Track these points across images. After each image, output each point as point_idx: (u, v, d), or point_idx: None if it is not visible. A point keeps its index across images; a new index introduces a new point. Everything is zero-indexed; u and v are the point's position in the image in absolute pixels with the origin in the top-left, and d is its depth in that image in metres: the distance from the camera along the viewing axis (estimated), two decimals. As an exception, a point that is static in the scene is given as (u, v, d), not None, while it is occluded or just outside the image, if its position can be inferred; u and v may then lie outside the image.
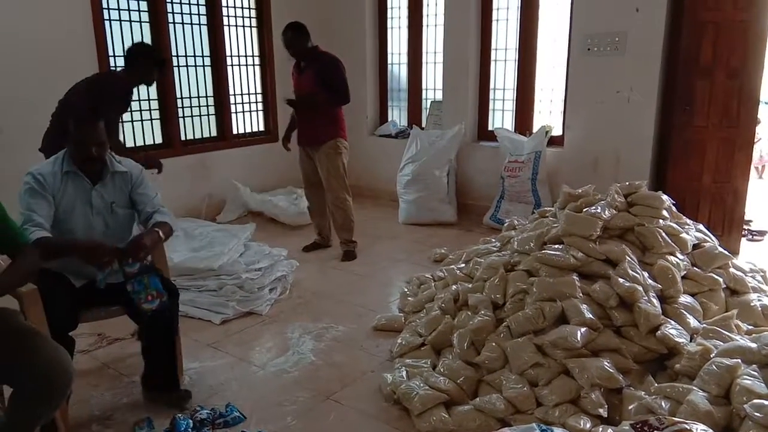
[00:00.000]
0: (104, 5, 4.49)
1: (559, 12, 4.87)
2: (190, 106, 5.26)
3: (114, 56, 4.60)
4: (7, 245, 1.95)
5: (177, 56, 5.08)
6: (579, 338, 2.34)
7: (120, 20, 4.64)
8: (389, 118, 6.16)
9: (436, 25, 5.56)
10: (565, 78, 4.81)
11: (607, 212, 2.82)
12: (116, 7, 4.59)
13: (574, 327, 2.41)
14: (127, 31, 4.69)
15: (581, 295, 2.56)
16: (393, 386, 2.48)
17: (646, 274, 2.66)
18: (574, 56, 4.66)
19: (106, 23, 4.52)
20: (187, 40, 5.15)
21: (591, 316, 2.46)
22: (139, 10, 4.76)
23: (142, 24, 4.81)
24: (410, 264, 4.24)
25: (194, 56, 5.22)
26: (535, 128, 5.03)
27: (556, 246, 2.81)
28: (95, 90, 3.39)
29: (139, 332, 2.47)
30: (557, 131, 4.96)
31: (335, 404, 2.52)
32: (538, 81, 5.12)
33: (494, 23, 5.20)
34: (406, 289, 3.55)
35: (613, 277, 2.58)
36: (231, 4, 5.44)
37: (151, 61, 3.54)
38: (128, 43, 4.66)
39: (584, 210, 2.88)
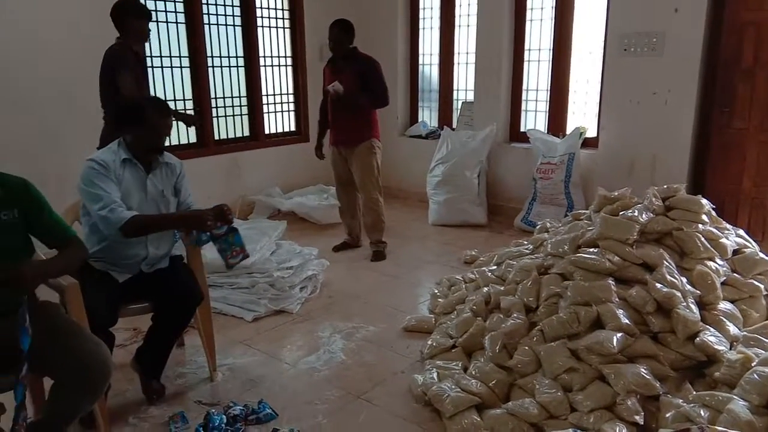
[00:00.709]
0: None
1: (594, 12, 4.80)
2: (224, 106, 5.34)
3: (151, 56, 4.69)
4: (57, 240, 2.03)
5: (212, 57, 5.15)
6: (615, 344, 2.30)
7: (157, 21, 4.72)
8: (419, 119, 6.15)
9: (468, 26, 5.53)
10: (600, 79, 4.74)
11: (644, 216, 2.77)
12: (153, 9, 4.67)
13: (610, 332, 2.37)
14: (163, 32, 4.78)
15: (617, 299, 2.52)
16: (424, 387, 2.47)
17: (684, 280, 2.60)
18: (609, 57, 4.58)
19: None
20: (222, 40, 5.22)
21: (627, 321, 2.41)
22: (175, 12, 4.84)
23: (178, 25, 4.89)
24: (440, 265, 4.22)
25: (228, 57, 5.29)
26: (569, 130, 4.96)
27: (592, 249, 2.76)
28: (105, 67, 3.45)
29: (153, 317, 2.58)
30: (591, 133, 4.89)
31: (366, 404, 2.52)
32: (572, 82, 5.05)
33: (528, 23, 5.15)
34: (436, 291, 3.54)
35: (651, 282, 2.53)
36: (265, 5, 5.50)
37: (136, 14, 3.54)
38: (164, 44, 4.78)
39: (621, 213, 2.82)
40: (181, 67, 4.97)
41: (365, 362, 2.88)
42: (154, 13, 4.63)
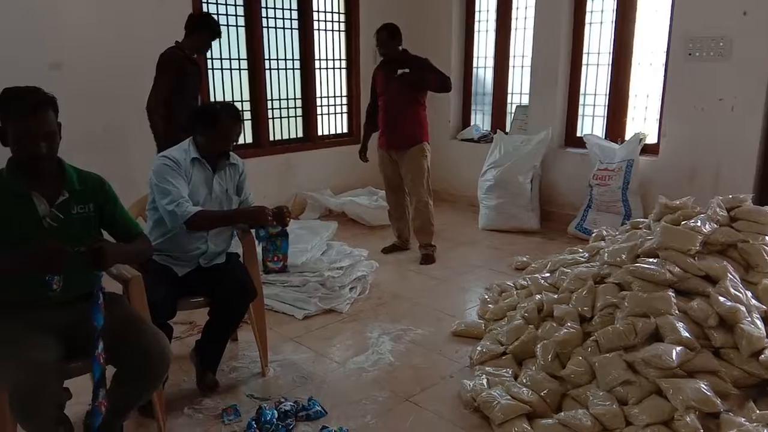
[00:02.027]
0: (204, 10, 4.73)
1: (658, 15, 4.65)
2: (279, 108, 5.44)
3: (211, 59, 4.83)
4: (126, 234, 2.14)
5: (269, 59, 5.26)
6: (674, 357, 2.22)
7: (234, 26, 4.88)
8: (472, 122, 6.10)
9: (525, 28, 5.45)
10: (663, 84, 4.59)
11: (707, 226, 2.67)
12: (215, 12, 4.82)
13: (669, 345, 2.29)
14: (224, 34, 4.91)
15: (677, 312, 2.43)
16: (473, 393, 2.45)
17: (749, 294, 2.50)
18: (673, 61, 4.43)
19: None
20: (279, 43, 5.33)
21: (688, 335, 2.33)
22: (236, 15, 4.97)
23: (238, 28, 5.02)
24: (489, 270, 4.18)
25: (285, 59, 5.40)
26: (628, 135, 4.82)
27: (651, 259, 2.67)
28: (158, 66, 3.61)
29: (210, 311, 2.66)
30: (651, 139, 4.73)
31: (414, 407, 2.52)
32: (633, 86, 4.91)
33: (587, 26, 5.04)
34: (486, 296, 3.50)
35: (713, 295, 2.43)
36: (321, 8, 5.58)
37: (210, 32, 3.70)
38: (225, 46, 4.92)
39: (683, 223, 2.73)
40: (240, 69, 5.10)
41: (413, 365, 2.88)
42: (215, 16, 4.81)
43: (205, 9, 4.72)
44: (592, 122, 5.18)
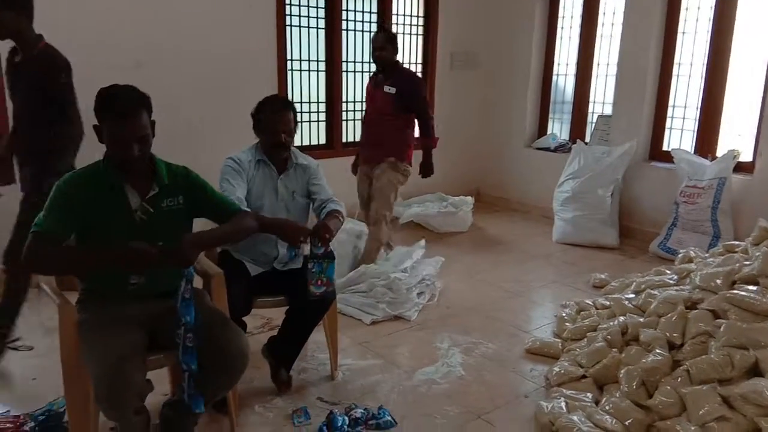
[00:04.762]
0: (286, 12, 4.80)
1: (758, 24, 4.34)
2: (353, 110, 5.46)
3: (291, 60, 4.89)
4: (225, 214, 2.15)
5: (347, 61, 5.29)
6: (778, 396, 2.04)
7: (300, 26, 4.93)
8: (549, 131, 5.92)
9: (611, 35, 5.23)
10: (762, 98, 4.28)
11: (817, 254, 2.44)
12: (297, 14, 4.88)
13: (771, 382, 2.10)
14: (304, 36, 4.98)
15: (781, 346, 2.24)
16: (551, 416, 2.33)
17: None
18: (776, 74, 4.13)
19: (287, 29, 4.83)
20: (357, 46, 5.34)
21: (793, 372, 2.13)
22: (317, 17, 5.02)
23: (318, 30, 5.07)
24: (564, 286, 4.02)
25: (362, 62, 5.40)
26: (720, 152, 4.53)
27: (750, 287, 2.48)
28: None
29: (287, 311, 2.62)
30: (746, 156, 4.43)
31: (487, 425, 2.43)
32: (727, 100, 4.61)
33: (679, 35, 4.78)
34: (563, 314, 3.35)
35: (824, 331, 2.22)
36: (401, 12, 5.56)
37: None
38: (304, 48, 4.97)
39: (788, 249, 2.51)
40: (318, 71, 5.14)
41: (486, 381, 2.78)
42: (297, 18, 4.86)
43: (287, 11, 4.80)
44: (680, 136, 4.90)
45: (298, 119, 2.65)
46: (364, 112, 4.29)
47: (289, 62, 4.90)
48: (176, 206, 2.05)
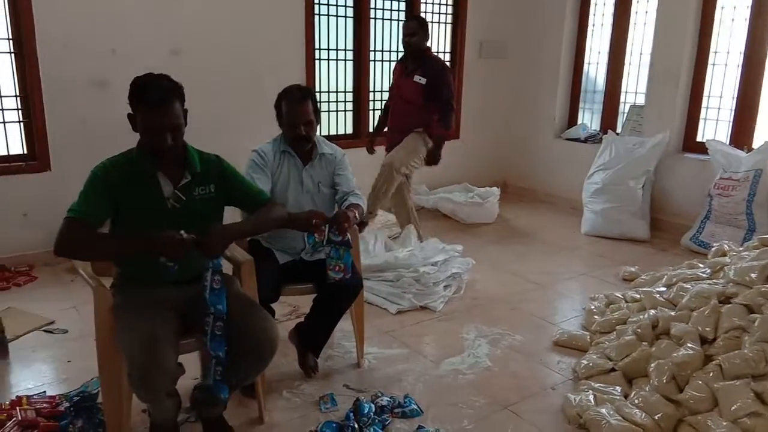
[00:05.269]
0: (315, 1, 4.79)
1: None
2: (381, 100, 5.44)
3: (319, 48, 4.90)
4: (254, 204, 2.18)
5: (374, 51, 5.27)
6: (816, 394, 1.99)
7: (328, 15, 4.92)
8: (579, 121, 5.82)
9: (645, 23, 5.11)
10: (802, 87, 4.15)
11: None
12: (326, 3, 4.88)
13: (808, 380, 2.05)
14: (333, 26, 4.97)
15: (819, 343, 2.18)
16: (579, 409, 2.31)
17: None
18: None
19: (315, 18, 4.83)
20: (386, 35, 5.32)
21: (832, 369, 2.08)
22: (345, 6, 5.01)
23: (347, 19, 5.06)
24: (592, 279, 3.97)
25: (389, 51, 5.38)
26: (757, 143, 4.40)
27: (788, 282, 2.42)
28: None
29: (315, 299, 2.63)
30: (784, 148, 4.30)
31: (513, 416, 2.42)
32: (765, 90, 4.47)
33: (716, 24, 4.64)
34: (592, 306, 3.31)
35: None
36: (429, 0, 5.51)
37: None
38: (332, 38, 4.97)
39: (829, 243, 2.44)
40: (345, 60, 5.14)
41: (512, 372, 2.77)
42: (325, 7, 4.86)
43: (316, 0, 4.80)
44: (715, 126, 4.78)
45: (324, 108, 2.65)
46: (388, 96, 4.29)
47: (317, 51, 4.90)
48: (208, 194, 2.07)
